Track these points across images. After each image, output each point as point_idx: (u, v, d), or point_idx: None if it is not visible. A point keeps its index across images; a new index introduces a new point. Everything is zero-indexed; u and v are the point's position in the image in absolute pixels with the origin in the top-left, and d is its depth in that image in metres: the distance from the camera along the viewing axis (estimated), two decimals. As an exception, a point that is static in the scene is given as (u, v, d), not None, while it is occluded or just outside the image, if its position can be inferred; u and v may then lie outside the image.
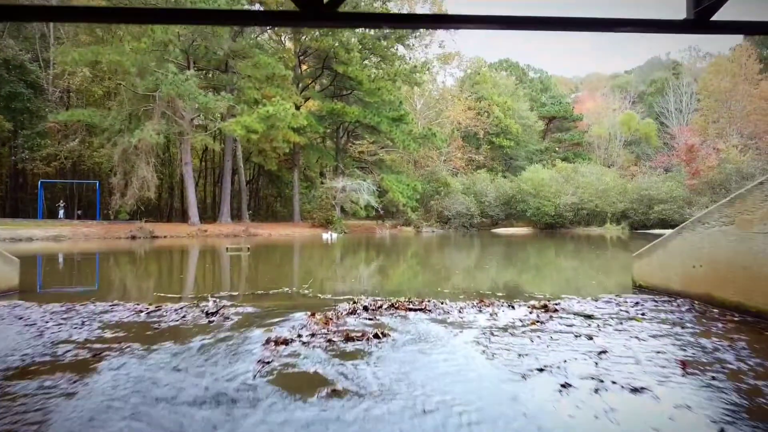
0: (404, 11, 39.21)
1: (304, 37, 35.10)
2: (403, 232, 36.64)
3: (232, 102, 26.64)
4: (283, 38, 38.07)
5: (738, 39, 48.82)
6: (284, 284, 8.73)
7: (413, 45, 38.14)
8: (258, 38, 35.73)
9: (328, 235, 28.70)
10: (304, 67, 38.93)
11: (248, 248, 17.42)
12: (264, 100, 26.82)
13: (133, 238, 24.62)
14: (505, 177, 47.08)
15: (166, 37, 23.28)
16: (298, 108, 32.33)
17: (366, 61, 35.73)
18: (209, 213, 40.90)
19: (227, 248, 17.74)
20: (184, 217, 35.61)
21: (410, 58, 38.72)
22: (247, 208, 37.43)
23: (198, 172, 48.17)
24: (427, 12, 42.33)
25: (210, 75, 34.88)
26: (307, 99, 37.09)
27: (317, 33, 33.23)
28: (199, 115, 28.90)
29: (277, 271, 12.44)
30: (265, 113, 25.52)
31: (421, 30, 40.37)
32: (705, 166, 36.84)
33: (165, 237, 25.80)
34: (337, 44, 31.51)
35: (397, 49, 37.01)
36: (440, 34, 43.11)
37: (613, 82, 71.14)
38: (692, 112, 52.32)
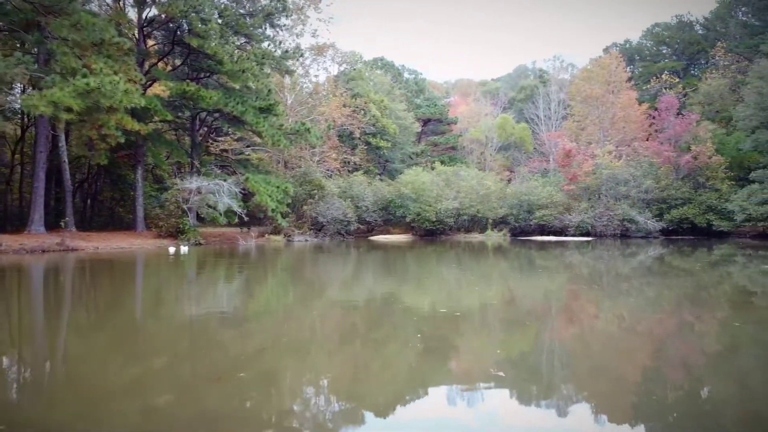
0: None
1: (149, 4, 28.49)
2: (271, 241, 31.68)
3: (37, 70, 19.72)
4: (122, 3, 30.86)
5: (598, 50, 50.93)
6: None
7: (284, 26, 33.17)
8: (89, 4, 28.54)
9: (175, 249, 22.93)
10: (150, 42, 32.15)
11: None
12: (85, 70, 20.17)
13: None
14: (381, 180, 44.11)
15: None
16: (143, 89, 25.83)
17: (228, 40, 30.01)
18: (25, 220, 32.06)
19: None
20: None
21: (281, 42, 33.76)
22: (73, 213, 29.59)
23: (10, 168, 38.61)
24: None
25: (22, 43, 26.93)
26: (153, 81, 30.53)
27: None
28: (-9, 88, 21.28)
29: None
30: (83, 86, 19.04)
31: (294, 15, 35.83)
32: (582, 171, 36.82)
33: (-71, 255, 18.36)
34: (190, 11, 25.47)
35: (265, 28, 31.82)
36: (313, 21, 38.74)
37: (483, 88, 72.21)
38: (560, 118, 53.81)
